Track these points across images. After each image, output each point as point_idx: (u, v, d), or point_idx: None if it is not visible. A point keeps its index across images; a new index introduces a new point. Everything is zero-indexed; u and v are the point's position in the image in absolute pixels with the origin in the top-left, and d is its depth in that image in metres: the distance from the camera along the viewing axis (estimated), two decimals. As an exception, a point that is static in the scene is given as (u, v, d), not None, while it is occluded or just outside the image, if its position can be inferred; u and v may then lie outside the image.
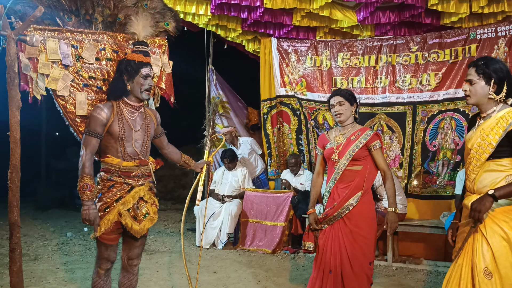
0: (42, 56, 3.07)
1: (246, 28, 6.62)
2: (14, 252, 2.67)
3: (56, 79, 3.10)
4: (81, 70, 3.22)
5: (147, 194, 3.11)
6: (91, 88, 3.25)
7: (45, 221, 8.62)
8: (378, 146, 3.32)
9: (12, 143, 2.70)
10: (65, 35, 3.19)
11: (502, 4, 5.48)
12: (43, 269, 5.17)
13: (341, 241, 3.25)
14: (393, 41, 6.41)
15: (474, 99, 2.65)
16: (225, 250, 6.29)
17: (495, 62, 2.60)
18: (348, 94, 3.46)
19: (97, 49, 3.30)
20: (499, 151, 2.53)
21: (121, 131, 3.00)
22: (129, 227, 2.98)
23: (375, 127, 6.48)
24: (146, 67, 3.09)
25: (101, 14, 3.53)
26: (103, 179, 3.00)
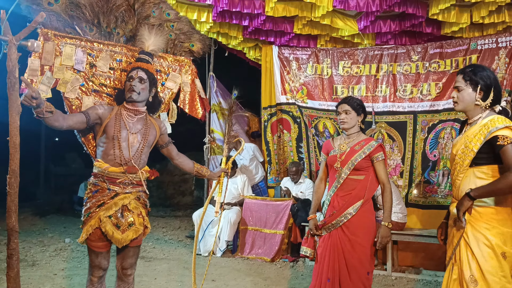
0: (57, 60, 3.17)
1: (247, 36, 6.64)
2: (11, 258, 2.65)
3: (66, 82, 3.19)
4: (93, 76, 3.31)
5: (134, 203, 3.02)
6: (100, 94, 3.33)
7: (43, 227, 8.59)
8: (381, 158, 3.30)
9: (11, 148, 2.68)
10: (83, 44, 3.30)
11: (502, 15, 5.51)
12: (40, 275, 5.14)
13: (340, 249, 3.23)
14: (394, 50, 6.43)
15: (461, 106, 2.71)
16: (224, 258, 6.26)
17: (482, 69, 2.66)
18: (357, 104, 3.42)
19: (112, 60, 3.40)
20: (480, 157, 2.58)
21: (116, 130, 2.99)
22: (110, 235, 2.90)
23: (375, 136, 6.48)
24: (133, 70, 3.13)
25: (123, 29, 3.66)
26: (90, 183, 3.00)
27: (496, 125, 2.52)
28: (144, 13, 3.73)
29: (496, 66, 5.84)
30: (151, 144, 3.21)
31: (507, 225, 2.56)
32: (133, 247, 3.08)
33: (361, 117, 3.42)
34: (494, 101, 2.63)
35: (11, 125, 2.71)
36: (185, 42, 3.99)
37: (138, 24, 3.66)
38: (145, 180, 3.14)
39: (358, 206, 3.24)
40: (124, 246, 3.01)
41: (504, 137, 2.47)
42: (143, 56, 3.27)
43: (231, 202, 6.71)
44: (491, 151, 2.54)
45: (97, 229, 2.90)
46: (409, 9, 5.35)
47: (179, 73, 3.70)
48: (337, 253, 3.24)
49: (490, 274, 2.48)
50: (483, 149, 2.56)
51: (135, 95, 3.07)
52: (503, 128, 2.50)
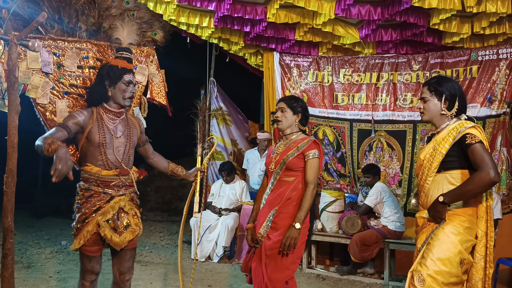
0: (22, 64, 3.00)
1: (249, 42, 6.65)
2: (6, 258, 2.63)
3: (36, 87, 3.05)
4: (62, 77, 3.17)
5: (128, 204, 2.98)
6: (72, 96, 3.20)
7: (40, 229, 8.55)
8: (313, 156, 3.03)
9: (9, 148, 2.67)
10: (47, 43, 3.14)
11: (503, 26, 5.53)
12: (35, 277, 5.11)
13: (263, 259, 3.02)
14: (395, 59, 6.44)
15: (428, 116, 2.79)
16: (221, 264, 6.23)
17: (447, 80, 2.77)
18: (293, 102, 3.17)
19: (79, 57, 3.25)
20: (449, 161, 2.63)
21: (101, 137, 2.89)
22: (109, 238, 2.85)
23: (375, 144, 6.48)
24: (129, 73, 3.01)
25: (85, 23, 3.48)
26: (82, 188, 2.90)
27: (465, 125, 2.59)
28: (104, 4, 3.55)
29: (496, 77, 5.84)
30: (135, 144, 3.13)
31: (471, 233, 2.60)
32: (130, 249, 3.03)
33: (298, 116, 3.16)
34: (459, 110, 2.71)
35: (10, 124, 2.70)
36: (148, 31, 3.80)
37: (99, 16, 3.51)
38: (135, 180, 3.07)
39: (275, 211, 3.05)
40: (120, 249, 2.95)
41: (472, 136, 2.53)
42: (127, 55, 3.11)
43: (229, 208, 6.68)
44: (461, 155, 2.59)
45: (93, 234, 2.85)
46: (410, 18, 5.37)
47: (146, 65, 3.54)
48: (260, 264, 3.04)
49: (442, 276, 2.52)
50: (453, 152, 2.61)
51: (130, 102, 3.02)
52: (471, 127, 2.57)
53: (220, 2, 5.40)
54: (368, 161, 6.49)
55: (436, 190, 2.65)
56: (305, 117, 3.21)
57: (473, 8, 4.92)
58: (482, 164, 2.46)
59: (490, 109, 5.85)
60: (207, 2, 5.39)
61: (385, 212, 5.60)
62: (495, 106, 5.82)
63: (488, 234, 2.63)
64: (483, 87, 5.92)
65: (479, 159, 2.48)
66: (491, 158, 2.51)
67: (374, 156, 6.50)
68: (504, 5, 4.91)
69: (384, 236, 5.48)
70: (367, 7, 5.37)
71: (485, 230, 2.62)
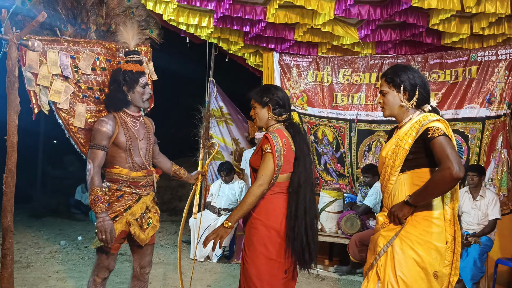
0: (43, 68, 3.07)
1: (248, 42, 6.64)
2: (5, 258, 2.64)
3: (58, 91, 3.11)
4: (80, 81, 3.25)
5: (151, 203, 3.20)
6: (89, 99, 3.28)
7: (39, 229, 8.54)
8: (265, 151, 2.74)
9: (8, 147, 2.68)
10: (63, 46, 3.21)
11: (502, 26, 5.53)
12: (34, 277, 5.10)
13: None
14: (395, 60, 6.44)
15: (388, 110, 2.60)
16: (220, 264, 6.24)
17: (404, 69, 2.54)
18: (259, 95, 2.89)
19: (93, 59, 3.32)
20: (413, 159, 2.41)
21: (128, 141, 3.03)
22: (137, 236, 3.04)
23: (374, 144, 6.48)
24: (143, 76, 3.12)
25: (95, 23, 3.59)
26: (111, 189, 3.02)
27: (428, 119, 2.37)
28: (110, 3, 3.66)
29: (495, 78, 5.85)
30: (153, 144, 3.31)
31: (441, 238, 2.36)
32: (150, 244, 3.24)
33: (269, 108, 2.85)
34: (420, 100, 2.48)
35: (9, 124, 2.71)
36: (146, 29, 3.93)
37: (107, 16, 3.61)
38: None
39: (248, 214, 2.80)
40: (139, 245, 3.15)
41: (435, 128, 2.30)
42: (138, 58, 3.18)
43: (229, 208, 6.68)
44: (424, 151, 2.36)
45: (121, 231, 3.00)
46: (409, 18, 5.37)
47: (146, 63, 3.61)
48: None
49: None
50: (417, 148, 2.38)
51: (148, 103, 3.17)
52: (435, 120, 2.35)
53: (219, 2, 5.39)
54: (368, 161, 6.49)
55: (400, 191, 2.43)
56: (279, 105, 2.86)
57: (473, 9, 4.92)
58: (443, 158, 2.21)
59: (489, 110, 5.86)
60: (206, 2, 5.38)
61: (384, 212, 5.60)
62: (494, 107, 5.82)
63: (455, 238, 2.41)
64: (483, 88, 5.92)
65: (440, 153, 2.23)
66: (455, 152, 2.23)
67: (374, 156, 6.50)
68: (503, 5, 4.92)
69: (383, 236, 5.48)
70: (367, 7, 5.37)
71: (452, 234, 2.41)
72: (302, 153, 2.81)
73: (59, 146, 17.07)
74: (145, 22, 3.95)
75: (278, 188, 2.78)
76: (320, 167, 6.77)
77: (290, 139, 2.83)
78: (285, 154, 2.74)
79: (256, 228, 2.75)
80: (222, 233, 2.68)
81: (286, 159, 2.75)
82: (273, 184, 2.74)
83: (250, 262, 2.75)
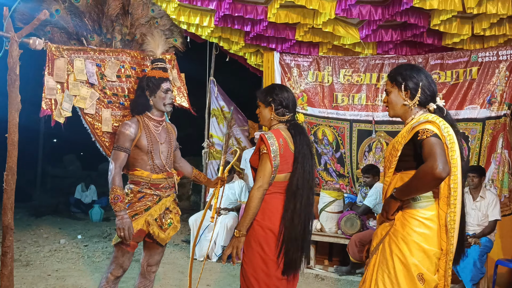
0: (71, 77, 3.24)
1: (249, 41, 6.64)
2: (5, 256, 2.64)
3: (84, 97, 3.27)
4: (105, 87, 3.42)
5: (172, 204, 3.31)
6: (114, 104, 3.45)
7: (38, 227, 8.54)
8: (261, 151, 2.73)
9: (9, 145, 2.68)
10: (89, 54, 3.39)
11: (503, 27, 5.53)
12: (34, 275, 5.10)
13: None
14: (395, 60, 6.44)
15: (392, 110, 2.58)
16: (219, 263, 6.23)
17: (407, 68, 2.51)
18: (264, 94, 2.91)
19: (118, 67, 3.50)
20: (406, 160, 2.39)
21: (149, 144, 3.15)
22: (156, 235, 3.16)
23: (374, 145, 6.48)
24: (166, 82, 3.25)
25: (120, 33, 3.76)
26: (133, 191, 3.15)
27: (419, 120, 2.35)
28: (135, 14, 3.81)
29: (496, 79, 5.85)
30: (174, 149, 3.44)
31: (429, 240, 2.30)
32: (162, 245, 3.33)
33: (272, 108, 2.86)
34: (424, 99, 2.44)
35: (10, 122, 2.71)
36: (169, 38, 4.08)
37: (131, 26, 3.77)
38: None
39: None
40: (152, 244, 3.27)
41: (424, 130, 2.27)
42: (162, 65, 3.34)
43: (228, 208, 6.68)
44: (415, 153, 2.34)
45: (137, 230, 3.08)
46: (411, 19, 5.37)
47: (170, 70, 3.75)
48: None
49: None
50: (408, 150, 2.37)
51: (170, 107, 3.28)
52: (424, 122, 2.31)
53: (220, 1, 5.39)
54: (368, 161, 6.49)
55: (391, 190, 2.43)
56: (282, 106, 2.85)
57: (474, 9, 4.92)
58: (429, 157, 2.18)
59: (490, 110, 5.86)
60: (207, 1, 5.38)
61: (384, 212, 5.60)
62: (494, 108, 5.82)
63: (449, 246, 2.30)
64: (483, 88, 5.92)
65: (427, 152, 2.21)
66: (442, 152, 2.20)
67: (374, 156, 6.50)
68: (504, 6, 4.92)
69: (383, 237, 5.48)
70: (368, 7, 5.37)
71: (445, 240, 2.31)
72: (302, 155, 2.77)
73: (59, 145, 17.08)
74: (169, 31, 4.14)
75: (275, 188, 2.76)
76: (320, 167, 6.77)
77: (288, 139, 2.79)
78: (282, 154, 2.71)
79: (253, 228, 2.74)
80: (237, 243, 2.69)
81: (284, 159, 2.73)
82: (270, 183, 2.72)
83: (248, 262, 2.76)
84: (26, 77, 3.27)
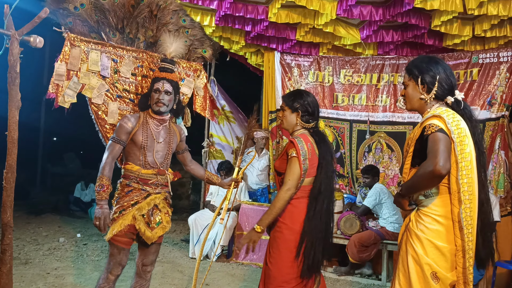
0: (83, 66, 3.34)
1: (250, 41, 6.64)
2: (5, 253, 2.64)
3: (92, 87, 3.37)
4: (117, 82, 3.50)
5: (162, 203, 3.24)
6: (124, 99, 3.52)
7: (38, 225, 8.54)
8: (290, 155, 2.80)
9: (9, 143, 2.68)
10: (107, 49, 3.47)
11: (504, 29, 5.52)
12: (33, 273, 5.10)
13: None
14: (396, 61, 6.44)
15: (409, 104, 2.54)
16: (218, 263, 6.23)
17: (425, 60, 2.47)
18: (291, 99, 2.97)
19: (135, 65, 3.57)
20: (417, 156, 2.37)
21: (144, 140, 3.15)
22: (142, 232, 3.11)
23: (374, 145, 6.48)
24: (160, 81, 3.23)
25: (144, 35, 3.80)
26: (122, 184, 3.17)
27: (426, 116, 2.33)
28: (163, 20, 3.87)
29: (497, 80, 5.85)
30: (174, 150, 3.40)
31: (443, 237, 2.27)
32: (156, 244, 3.29)
33: (298, 114, 2.94)
34: (442, 92, 2.39)
35: (10, 119, 2.71)
36: (198, 48, 4.18)
37: (157, 30, 3.81)
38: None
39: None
40: (145, 243, 3.21)
41: (430, 126, 2.24)
42: (167, 66, 3.33)
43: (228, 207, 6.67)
44: (421, 149, 2.32)
45: (127, 226, 3.07)
46: (411, 20, 5.36)
47: (192, 79, 3.86)
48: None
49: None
50: (419, 145, 2.35)
51: (164, 108, 3.22)
52: (431, 117, 2.30)
53: (221, 1, 5.39)
54: (367, 162, 6.49)
55: None
56: (308, 113, 2.94)
57: (475, 11, 4.92)
58: (430, 154, 2.17)
59: (490, 112, 5.86)
60: (208, 0, 5.38)
61: (384, 213, 5.61)
62: (495, 109, 5.83)
63: (465, 243, 2.25)
64: (484, 90, 5.93)
65: (430, 148, 2.18)
66: (444, 149, 2.17)
67: (373, 157, 6.50)
68: (505, 7, 4.91)
69: (382, 237, 5.49)
70: (369, 8, 5.36)
71: (461, 238, 2.26)
72: (325, 161, 2.89)
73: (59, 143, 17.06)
74: (199, 42, 4.21)
75: (302, 193, 2.86)
76: (320, 167, 6.76)
77: (314, 144, 2.91)
78: (310, 158, 2.82)
79: (282, 232, 2.86)
80: (256, 237, 2.83)
81: (311, 163, 2.83)
82: (298, 188, 2.81)
83: (274, 263, 2.88)
84: (26, 75, 3.27)
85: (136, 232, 3.14)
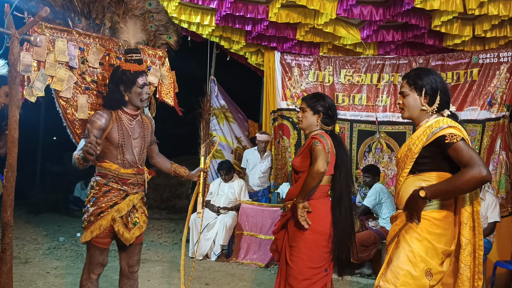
0: (50, 56, 3.09)
1: (250, 41, 6.64)
2: (5, 253, 2.63)
3: (61, 80, 3.12)
4: (85, 73, 3.25)
5: (139, 202, 3.12)
6: (92, 92, 3.28)
7: (37, 225, 8.54)
8: (314, 144, 2.89)
9: (9, 142, 2.67)
10: (73, 37, 3.23)
11: (504, 29, 5.53)
12: (33, 272, 5.10)
13: (285, 254, 3.09)
14: (396, 61, 6.44)
15: (408, 112, 2.57)
16: (218, 262, 6.23)
17: (427, 73, 2.53)
18: (314, 101, 3.07)
19: (102, 54, 3.34)
20: (422, 163, 2.41)
21: (120, 138, 2.99)
22: (120, 234, 2.99)
23: (374, 145, 6.48)
24: (142, 75, 3.07)
25: (110, 20, 3.59)
26: (99, 183, 3.00)
27: (440, 125, 2.36)
28: (130, 4, 3.67)
29: (497, 80, 5.85)
30: (149, 144, 3.25)
31: (441, 239, 2.36)
32: (138, 244, 3.18)
33: (320, 116, 3.04)
34: (441, 105, 2.48)
35: (11, 119, 2.69)
36: (163, 34, 3.98)
37: (124, 15, 3.61)
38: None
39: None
40: (129, 244, 3.08)
41: (452, 135, 2.29)
42: (138, 57, 3.13)
43: (228, 207, 6.68)
44: (436, 156, 2.38)
45: (106, 227, 2.96)
46: (412, 20, 5.36)
47: (158, 67, 3.65)
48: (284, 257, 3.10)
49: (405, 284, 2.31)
50: (426, 152, 2.40)
51: (147, 102, 3.11)
52: (447, 127, 2.34)
53: (221, 0, 5.39)
54: (367, 162, 6.49)
55: (405, 191, 2.45)
56: (328, 116, 3.05)
57: (475, 11, 4.92)
58: (471, 161, 2.20)
59: (490, 112, 5.86)
60: (209, 0, 5.38)
61: (384, 213, 5.60)
62: (495, 109, 5.83)
63: (476, 242, 2.38)
64: (484, 90, 5.93)
65: (467, 156, 2.22)
66: (479, 156, 2.26)
67: (374, 157, 6.50)
68: (506, 8, 4.91)
69: (382, 237, 5.49)
70: (369, 8, 5.36)
71: (470, 237, 2.37)
72: (342, 163, 3.00)
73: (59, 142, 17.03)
74: (164, 28, 4.01)
75: (320, 193, 2.97)
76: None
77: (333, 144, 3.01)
78: (331, 153, 2.93)
79: (302, 231, 2.94)
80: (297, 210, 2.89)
81: (331, 159, 2.94)
82: (316, 187, 2.90)
83: (295, 261, 2.95)
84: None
85: (113, 231, 3.00)
